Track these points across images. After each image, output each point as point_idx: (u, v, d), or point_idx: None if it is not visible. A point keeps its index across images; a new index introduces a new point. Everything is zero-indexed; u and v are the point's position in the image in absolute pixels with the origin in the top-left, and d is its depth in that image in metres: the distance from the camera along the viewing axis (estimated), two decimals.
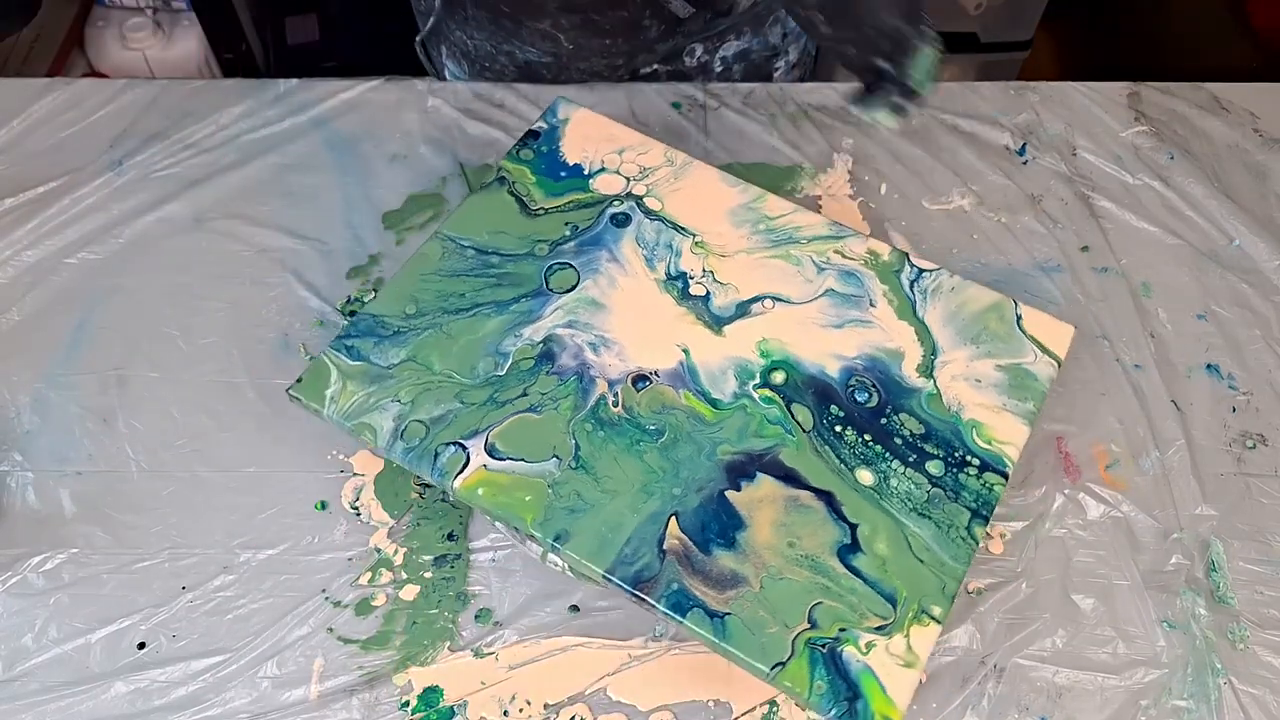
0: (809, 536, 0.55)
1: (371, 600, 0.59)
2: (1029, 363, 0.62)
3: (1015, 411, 0.60)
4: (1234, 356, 0.69)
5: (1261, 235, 0.75)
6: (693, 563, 0.54)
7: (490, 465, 0.57)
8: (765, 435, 0.59)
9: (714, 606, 0.53)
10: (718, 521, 0.56)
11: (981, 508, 0.57)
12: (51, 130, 0.78)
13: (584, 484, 0.57)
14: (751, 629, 0.53)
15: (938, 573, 0.55)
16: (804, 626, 0.53)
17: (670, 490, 0.57)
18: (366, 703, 0.56)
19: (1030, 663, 0.58)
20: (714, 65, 0.85)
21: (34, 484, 0.63)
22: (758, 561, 0.55)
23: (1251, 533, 0.62)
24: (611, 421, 0.59)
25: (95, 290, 0.71)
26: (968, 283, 0.65)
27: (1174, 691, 0.57)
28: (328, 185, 0.76)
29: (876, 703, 0.51)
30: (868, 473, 0.58)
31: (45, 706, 0.56)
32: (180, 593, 0.59)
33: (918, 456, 0.58)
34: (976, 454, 0.59)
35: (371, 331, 0.61)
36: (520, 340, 0.62)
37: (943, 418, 0.60)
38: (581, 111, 0.73)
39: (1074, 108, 0.82)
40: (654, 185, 0.69)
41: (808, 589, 0.54)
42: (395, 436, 0.58)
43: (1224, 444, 0.66)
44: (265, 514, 0.62)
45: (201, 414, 0.65)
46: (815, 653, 0.52)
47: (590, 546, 0.55)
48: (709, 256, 0.66)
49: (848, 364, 0.62)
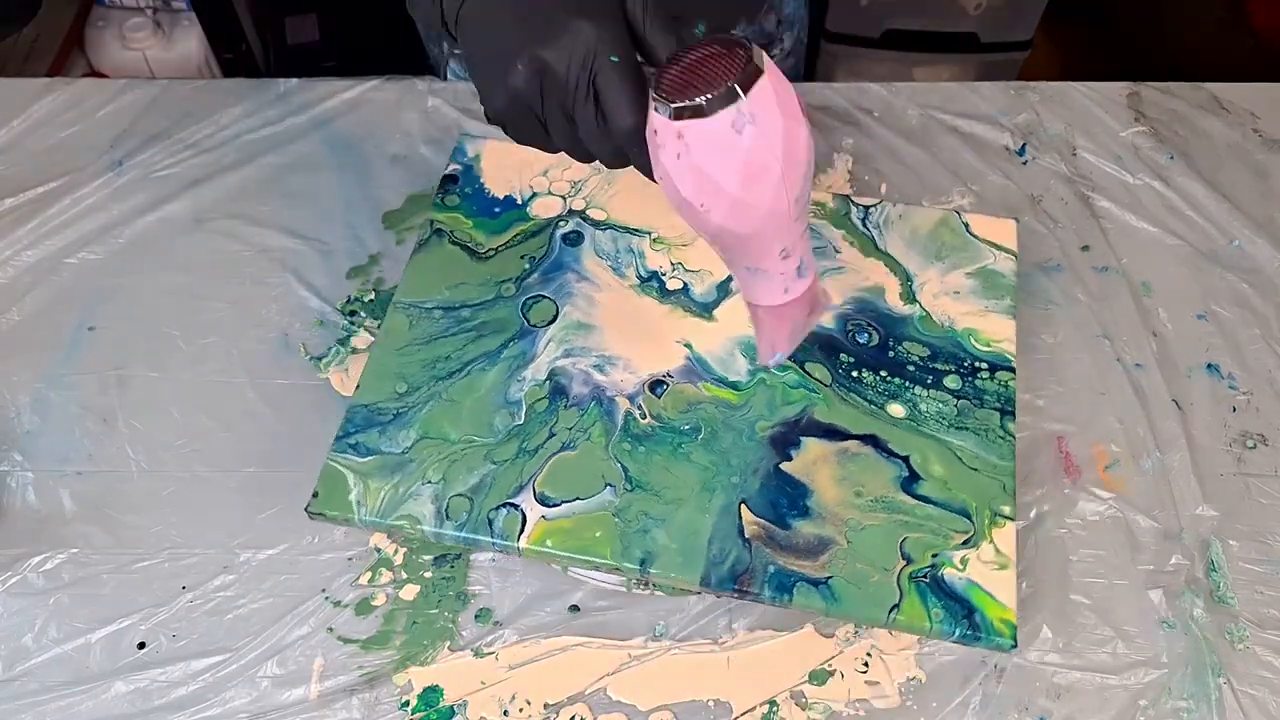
0: (870, 480, 0.58)
1: (371, 600, 0.59)
2: (991, 264, 0.66)
3: (997, 310, 0.64)
4: (1234, 356, 0.69)
5: (1261, 235, 0.75)
6: (778, 541, 0.56)
7: (548, 515, 0.56)
8: (793, 401, 0.60)
9: (814, 575, 0.55)
10: (784, 495, 0.57)
11: (1006, 405, 0.60)
12: (51, 130, 0.78)
13: (646, 502, 0.57)
14: (856, 584, 0.54)
15: (992, 475, 0.58)
16: (901, 564, 0.55)
17: (729, 480, 0.57)
18: (366, 703, 0.56)
19: (1030, 663, 0.58)
20: None
21: (34, 484, 0.63)
22: (836, 520, 0.56)
23: (1251, 533, 0.62)
24: (646, 434, 0.59)
25: (95, 290, 0.71)
26: (910, 207, 0.69)
27: (1174, 691, 0.57)
28: (328, 185, 0.76)
29: (990, 611, 0.54)
30: (897, 406, 0.61)
31: (45, 706, 0.56)
32: (180, 593, 0.59)
33: (933, 377, 0.62)
34: (982, 358, 0.62)
35: (371, 423, 0.59)
36: (525, 384, 0.61)
37: (940, 335, 0.63)
38: (488, 144, 0.71)
39: (1074, 108, 0.82)
40: (591, 196, 0.69)
41: (890, 529, 0.56)
42: (440, 518, 0.56)
43: (1224, 444, 0.66)
44: (265, 514, 0.62)
45: (201, 414, 0.65)
46: (920, 585, 0.54)
47: (676, 561, 0.55)
48: (671, 249, 0.67)
49: (839, 312, 0.64)
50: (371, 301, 0.70)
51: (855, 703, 0.56)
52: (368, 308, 0.70)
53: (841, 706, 0.56)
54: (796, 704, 0.56)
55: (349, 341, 0.68)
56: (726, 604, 0.59)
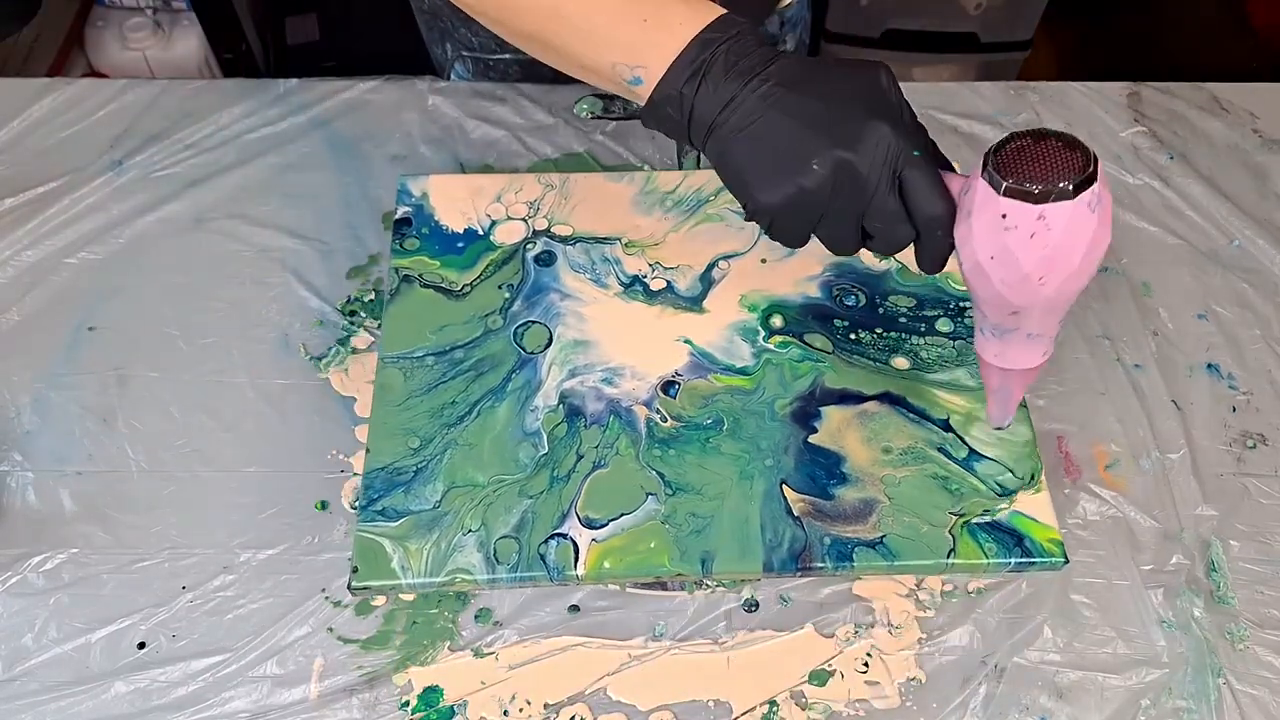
0: (897, 436, 0.60)
1: (371, 600, 0.59)
2: None
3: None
4: (1234, 356, 0.69)
5: (1261, 235, 0.75)
6: (825, 512, 0.57)
7: (598, 537, 0.56)
8: (802, 374, 0.62)
9: (868, 537, 0.56)
10: (819, 467, 0.59)
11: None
12: (51, 130, 0.78)
13: (691, 503, 0.57)
14: (910, 537, 0.56)
15: None
16: (953, 519, 0.57)
17: (763, 464, 0.58)
18: (366, 703, 0.56)
19: (1030, 663, 0.58)
20: None
21: (34, 484, 0.63)
22: (873, 480, 0.58)
23: (1251, 533, 0.62)
24: (673, 436, 0.60)
25: (95, 290, 0.71)
26: None
27: (1174, 691, 0.57)
28: (328, 185, 0.76)
29: (1037, 534, 0.57)
30: (900, 358, 0.63)
31: (45, 706, 0.56)
32: (180, 593, 0.59)
33: (926, 324, 0.64)
34: (964, 297, 0.64)
35: (392, 485, 0.58)
36: (540, 412, 0.61)
37: (920, 283, 0.65)
38: (434, 178, 0.71)
39: (1074, 108, 0.82)
40: (551, 213, 0.69)
41: (924, 479, 0.58)
42: (491, 564, 0.56)
43: (1224, 444, 0.66)
44: (265, 514, 0.62)
45: (201, 414, 0.65)
46: (971, 526, 0.57)
47: (734, 555, 0.56)
48: (645, 250, 0.67)
49: (821, 280, 0.66)
50: (371, 301, 0.70)
51: (855, 703, 0.56)
52: (368, 308, 0.70)
53: (841, 706, 0.56)
54: (796, 704, 0.56)
55: (349, 341, 0.68)
56: (726, 604, 0.59)
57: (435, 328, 0.64)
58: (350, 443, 0.64)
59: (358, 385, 0.66)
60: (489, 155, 0.78)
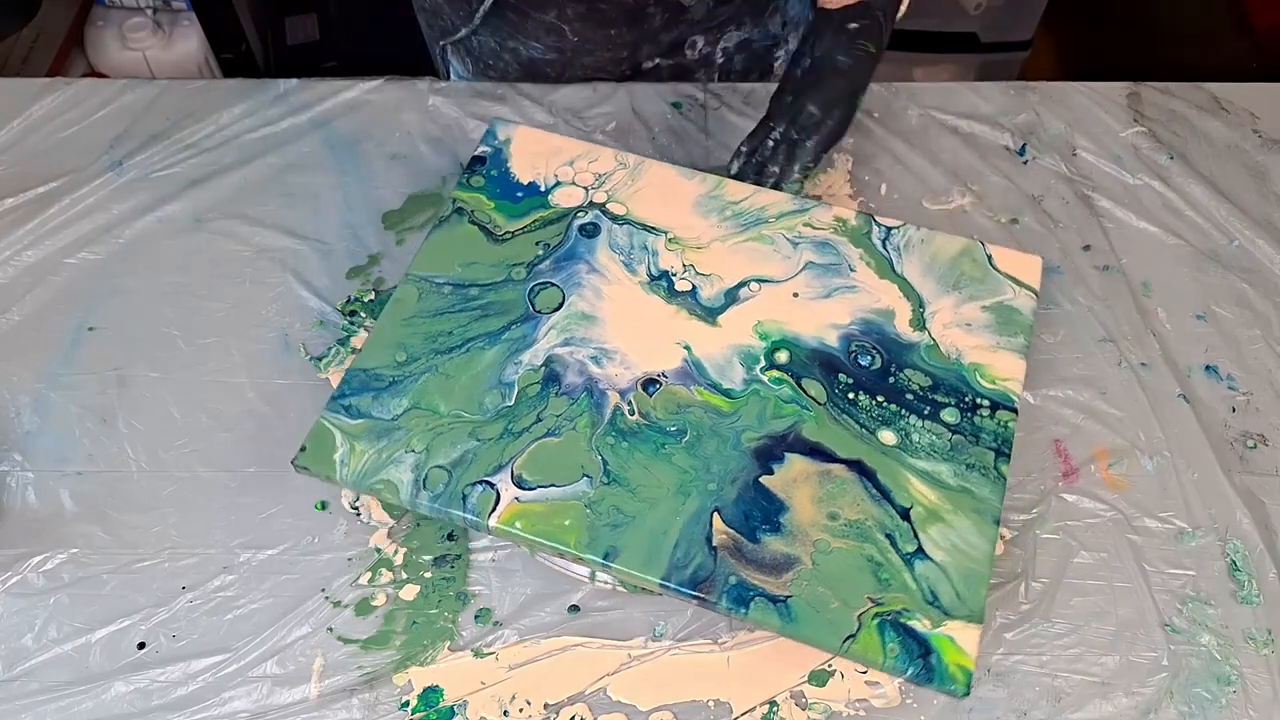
0: (849, 506, 0.57)
1: (371, 600, 0.59)
2: (1010, 299, 0.64)
3: (1009, 348, 0.62)
4: (1234, 356, 0.69)
5: (1261, 235, 0.75)
6: (744, 553, 0.55)
7: (522, 497, 0.57)
8: (784, 415, 0.60)
9: (774, 592, 0.54)
10: (759, 508, 0.56)
11: (1002, 445, 0.59)
12: (51, 130, 0.78)
13: (620, 497, 0.57)
14: (815, 607, 0.54)
15: (977, 517, 0.56)
16: (869, 605, 0.54)
17: (705, 486, 0.57)
18: (366, 703, 0.56)
19: (1031, 665, 0.58)
20: (715, 57, 0.85)
21: (34, 484, 0.63)
22: (805, 540, 0.55)
23: (1251, 533, 0.62)
24: (632, 430, 0.59)
25: (95, 290, 0.71)
26: (934, 233, 0.67)
27: (1175, 695, 0.57)
28: (328, 185, 0.76)
29: (948, 655, 0.52)
30: (889, 433, 0.59)
31: (45, 706, 0.56)
32: (180, 593, 0.59)
33: (932, 408, 0.60)
34: (984, 395, 0.60)
35: (366, 387, 0.60)
36: (521, 367, 0.61)
37: (945, 366, 0.62)
38: (521, 129, 0.72)
39: (1074, 108, 0.82)
40: (613, 190, 0.69)
41: (858, 559, 0.55)
42: (418, 487, 0.57)
43: (1224, 444, 0.66)
44: (265, 514, 0.62)
45: (201, 414, 0.65)
46: (884, 620, 0.53)
47: (640, 558, 0.55)
48: (685, 251, 0.66)
49: (844, 331, 0.63)
50: (371, 301, 0.70)
51: (855, 703, 0.56)
52: (368, 308, 0.70)
53: (841, 706, 0.56)
54: (796, 704, 0.56)
55: (349, 342, 0.68)
56: None
57: (465, 262, 0.66)
58: None
59: None
60: None
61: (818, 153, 0.68)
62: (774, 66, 0.89)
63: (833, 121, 0.67)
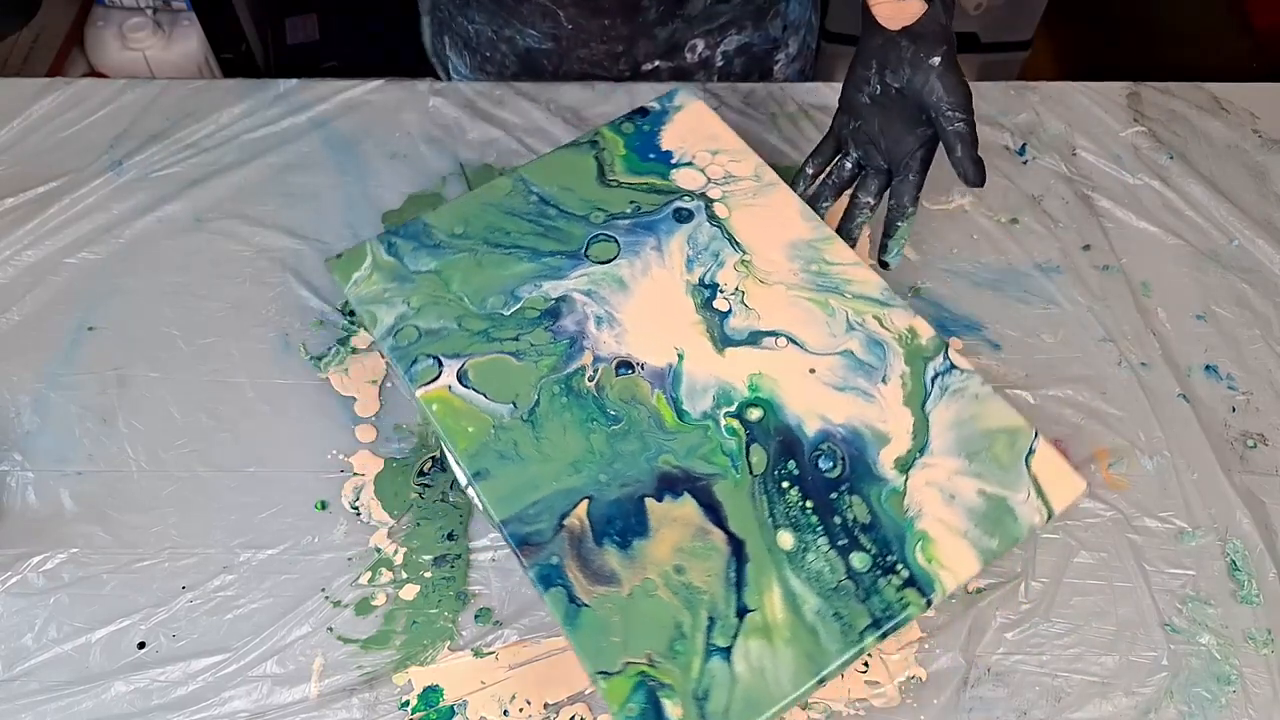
0: (699, 572, 0.53)
1: (371, 600, 0.59)
2: (1018, 501, 0.56)
3: (975, 543, 0.54)
4: (1234, 356, 0.69)
5: (1261, 235, 0.75)
6: (581, 548, 0.54)
7: (455, 389, 0.60)
8: (712, 462, 0.57)
9: (578, 594, 0.53)
10: (624, 521, 0.55)
11: (883, 619, 0.52)
12: (51, 130, 0.78)
13: (525, 438, 0.58)
14: (599, 629, 0.52)
15: (805, 656, 0.51)
16: (644, 662, 0.51)
17: (598, 476, 0.57)
18: (366, 702, 0.56)
19: (1030, 665, 0.58)
20: (715, 60, 0.85)
21: (34, 484, 0.63)
22: (639, 572, 0.53)
23: (1252, 533, 0.62)
24: (579, 394, 0.59)
25: (95, 290, 0.71)
26: (996, 395, 0.59)
27: (1175, 695, 0.57)
28: (328, 185, 0.76)
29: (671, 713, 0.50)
30: (790, 537, 0.54)
31: (45, 706, 0.56)
32: (180, 593, 0.59)
33: (849, 544, 0.54)
34: (910, 567, 0.53)
35: (416, 237, 0.65)
36: (536, 291, 0.63)
37: (895, 518, 0.55)
38: (698, 105, 0.72)
39: (1074, 108, 0.82)
40: (730, 194, 0.68)
41: (669, 617, 0.52)
42: (390, 333, 0.62)
43: (1224, 444, 0.66)
44: (265, 514, 0.62)
45: (201, 414, 0.65)
46: (642, 681, 0.51)
47: (500, 493, 0.56)
48: (748, 278, 0.64)
49: (828, 428, 0.58)
50: None
51: (855, 703, 0.56)
52: None
53: (841, 706, 0.56)
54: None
55: (349, 342, 0.68)
56: None
57: (565, 186, 0.68)
58: (350, 442, 0.64)
59: (358, 385, 0.66)
60: (489, 155, 0.78)
61: (923, 182, 0.65)
62: (774, 70, 0.89)
63: (924, 152, 0.64)
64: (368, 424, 0.65)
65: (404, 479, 0.63)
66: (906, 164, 0.64)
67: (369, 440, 0.64)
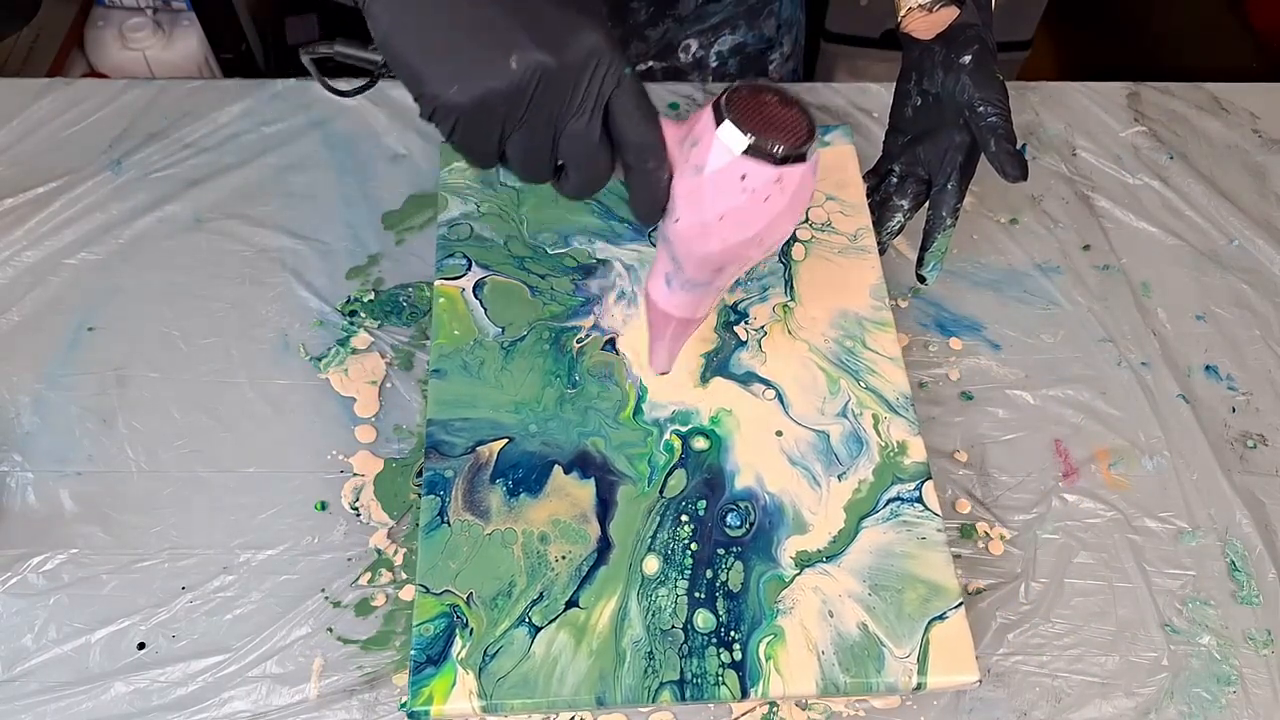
0: (557, 548, 0.55)
1: (371, 600, 0.59)
2: (894, 654, 0.52)
3: (824, 667, 0.52)
4: (1234, 357, 0.69)
5: (1261, 235, 0.75)
6: (475, 476, 0.57)
7: (466, 293, 0.63)
8: (634, 466, 0.57)
9: (449, 511, 0.56)
10: (525, 473, 0.57)
11: (689, 685, 0.51)
12: (51, 130, 0.78)
13: (493, 362, 0.61)
14: (446, 551, 0.54)
15: (598, 674, 0.51)
16: (461, 599, 0.53)
17: (529, 424, 0.59)
18: (366, 703, 0.56)
19: (1030, 665, 0.58)
20: (709, 60, 0.85)
21: (34, 484, 0.63)
22: (508, 521, 0.56)
23: (1252, 533, 0.62)
24: (561, 348, 0.62)
25: (95, 290, 0.71)
26: (943, 550, 0.55)
27: (1175, 695, 0.57)
28: (328, 185, 0.76)
29: None
30: (655, 564, 0.54)
31: (45, 706, 0.56)
32: (180, 593, 0.59)
33: (704, 599, 0.53)
34: (745, 652, 0.52)
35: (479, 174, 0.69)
36: (588, 245, 0.66)
37: (763, 602, 0.53)
38: (848, 149, 0.71)
39: (1074, 108, 0.82)
40: (818, 242, 0.66)
41: (507, 571, 0.54)
42: (449, 223, 0.66)
43: (1224, 444, 0.66)
44: (265, 514, 0.62)
45: (201, 414, 0.65)
46: (449, 613, 0.53)
47: (443, 397, 0.59)
48: (779, 322, 0.63)
49: (756, 490, 0.57)
50: (371, 302, 0.70)
51: (855, 703, 0.56)
52: (367, 308, 0.70)
53: (841, 706, 0.56)
54: (796, 704, 0.56)
55: (349, 342, 0.68)
56: None
57: None
58: (350, 443, 0.64)
59: (358, 385, 0.66)
60: None
61: (963, 192, 0.63)
62: (769, 69, 0.89)
63: (962, 159, 0.62)
64: (367, 424, 0.65)
65: (404, 480, 0.63)
66: (945, 170, 0.62)
67: (369, 441, 0.64)
